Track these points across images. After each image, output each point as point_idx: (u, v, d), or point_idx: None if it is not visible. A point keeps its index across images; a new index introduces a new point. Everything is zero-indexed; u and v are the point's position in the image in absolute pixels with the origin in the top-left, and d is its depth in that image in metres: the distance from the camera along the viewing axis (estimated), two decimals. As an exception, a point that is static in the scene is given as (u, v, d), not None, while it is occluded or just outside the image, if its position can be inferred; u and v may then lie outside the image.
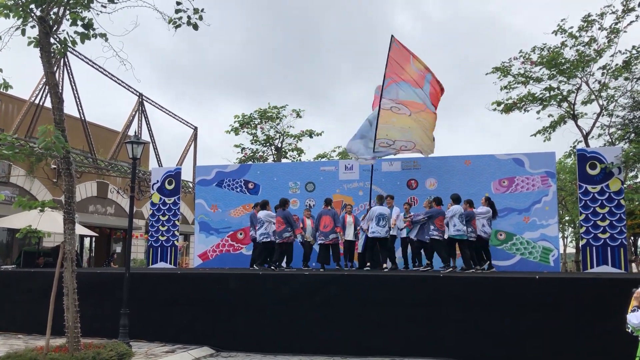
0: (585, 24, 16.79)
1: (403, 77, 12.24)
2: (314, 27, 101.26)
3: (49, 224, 12.46)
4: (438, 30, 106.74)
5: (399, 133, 12.52)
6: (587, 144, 17.72)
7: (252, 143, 25.03)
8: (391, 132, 12.50)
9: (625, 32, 16.24)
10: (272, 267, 11.88)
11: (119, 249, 29.59)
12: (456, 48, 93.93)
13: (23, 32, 7.55)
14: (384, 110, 12.27)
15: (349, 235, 12.26)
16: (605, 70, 16.98)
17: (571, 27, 17.11)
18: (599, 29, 16.69)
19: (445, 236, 11.11)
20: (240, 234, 14.54)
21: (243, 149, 25.18)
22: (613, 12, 16.17)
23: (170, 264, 14.86)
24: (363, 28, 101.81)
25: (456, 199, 11.25)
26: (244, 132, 24.63)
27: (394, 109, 12.31)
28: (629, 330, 5.69)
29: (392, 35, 12.14)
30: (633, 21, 15.76)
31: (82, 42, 7.61)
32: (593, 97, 17.68)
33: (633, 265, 18.47)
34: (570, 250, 35.73)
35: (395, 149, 12.82)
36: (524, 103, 18.32)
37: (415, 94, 12.28)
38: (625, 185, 13.08)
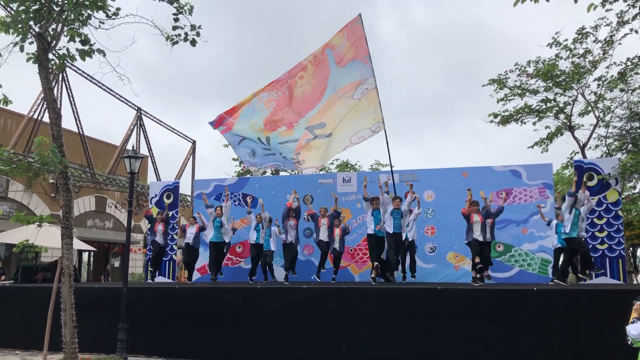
0: (580, 37, 16.95)
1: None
2: (297, 35, 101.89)
3: (47, 238, 12.45)
4: (423, 36, 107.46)
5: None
6: (584, 155, 17.78)
7: (250, 156, 25.05)
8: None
9: (620, 44, 16.38)
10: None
11: (117, 264, 29.50)
12: (443, 54, 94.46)
13: (22, 49, 7.61)
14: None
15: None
16: (600, 82, 17.10)
17: (566, 40, 17.28)
18: (594, 41, 16.85)
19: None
20: (239, 247, 14.51)
21: (241, 162, 25.21)
22: (607, 25, 16.33)
23: (169, 278, 14.81)
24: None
25: None
26: (242, 145, 24.65)
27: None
28: (629, 342, 5.68)
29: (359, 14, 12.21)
30: (627, 33, 15.90)
31: (83, 59, 7.66)
32: (589, 108, 17.78)
33: (633, 276, 18.44)
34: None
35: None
36: (520, 115, 18.42)
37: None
38: (622, 196, 13.11)
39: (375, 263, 11.34)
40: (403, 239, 11.44)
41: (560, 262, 11.23)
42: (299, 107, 12.40)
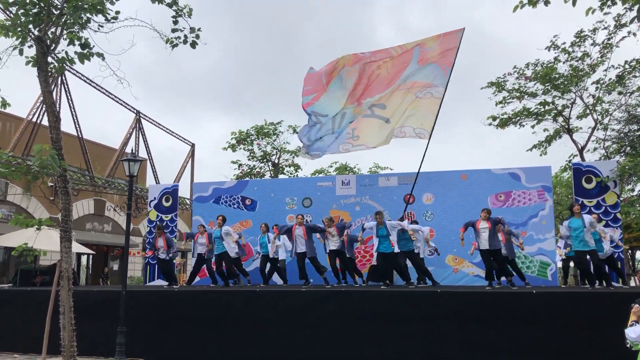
0: (578, 40, 17.00)
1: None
2: (294, 39, 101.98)
3: (46, 242, 12.45)
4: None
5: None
6: (582, 158, 17.81)
7: (249, 159, 25.11)
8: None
9: (617, 47, 16.43)
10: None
11: (116, 267, 29.46)
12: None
13: (21, 52, 7.61)
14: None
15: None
16: (599, 85, 17.14)
17: (564, 43, 17.33)
18: (592, 44, 16.90)
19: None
20: (238, 250, 14.50)
21: (240, 165, 25.24)
22: (605, 28, 16.37)
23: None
24: (344, 40, 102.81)
25: None
26: (240, 148, 24.73)
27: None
28: (628, 345, 5.68)
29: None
30: (625, 36, 15.95)
31: (82, 62, 7.67)
32: (588, 111, 17.81)
33: (632, 279, 18.47)
34: (569, 264, 35.60)
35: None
36: (519, 118, 18.45)
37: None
38: (621, 199, 13.14)
39: (386, 282, 11.22)
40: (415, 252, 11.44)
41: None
42: (372, 88, 12.55)
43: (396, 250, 11.02)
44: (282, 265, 12.93)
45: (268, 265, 12.99)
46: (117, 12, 7.77)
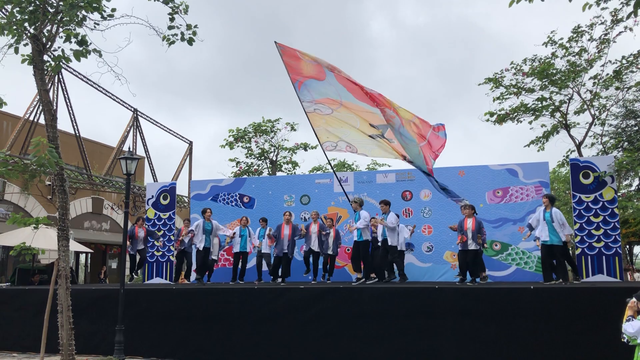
0: (575, 35, 17.00)
1: (305, 74, 11.76)
2: (287, 35, 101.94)
3: (44, 240, 12.42)
4: (414, 36, 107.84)
5: (338, 132, 12.24)
6: (580, 154, 17.83)
7: (246, 157, 25.09)
8: (330, 134, 12.26)
9: (615, 42, 16.43)
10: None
11: (114, 265, 29.44)
12: (434, 54, 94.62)
13: (16, 51, 7.59)
14: (310, 115, 11.99)
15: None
16: (596, 80, 17.15)
17: (561, 39, 17.32)
18: (589, 39, 16.90)
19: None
20: (236, 248, 14.48)
21: (238, 162, 25.23)
22: (602, 23, 16.37)
23: (166, 279, 14.79)
24: (338, 37, 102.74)
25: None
26: (238, 146, 24.71)
27: (317, 110, 11.96)
28: (625, 340, 5.69)
29: (275, 41, 11.81)
30: (622, 32, 15.95)
31: (78, 59, 7.64)
32: (585, 106, 17.83)
33: (628, 274, 18.50)
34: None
35: (342, 150, 12.54)
36: (516, 114, 18.45)
37: (325, 88, 11.70)
38: (618, 194, 13.14)
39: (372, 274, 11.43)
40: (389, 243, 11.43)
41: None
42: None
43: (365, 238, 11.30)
44: (267, 260, 13.00)
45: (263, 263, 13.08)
46: (113, 10, 7.75)
